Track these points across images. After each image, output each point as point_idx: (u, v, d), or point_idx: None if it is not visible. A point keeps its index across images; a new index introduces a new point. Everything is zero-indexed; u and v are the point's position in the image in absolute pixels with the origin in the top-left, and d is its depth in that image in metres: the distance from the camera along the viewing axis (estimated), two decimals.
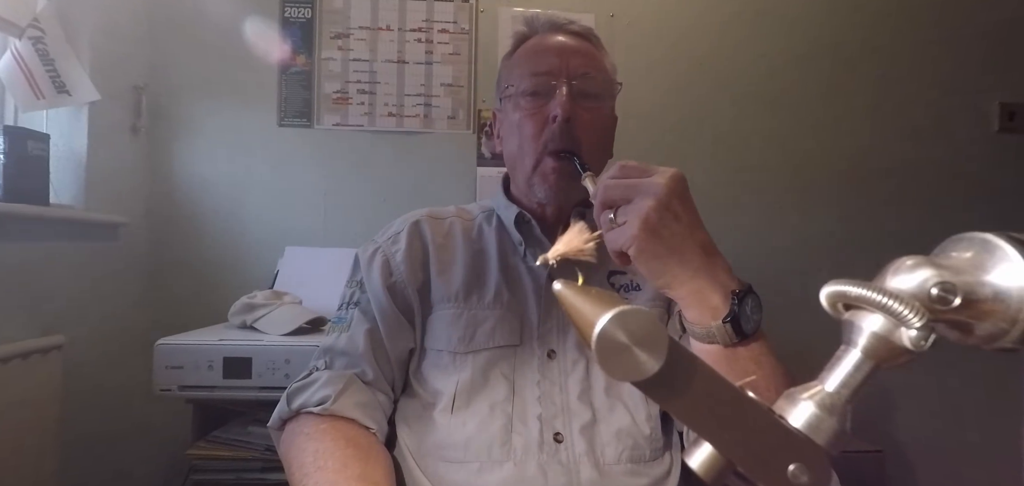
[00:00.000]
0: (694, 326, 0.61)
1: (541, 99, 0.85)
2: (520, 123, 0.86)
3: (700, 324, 0.61)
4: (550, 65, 0.85)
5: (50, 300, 1.46)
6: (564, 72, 0.84)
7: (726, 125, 2.03)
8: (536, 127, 0.85)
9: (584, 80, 0.85)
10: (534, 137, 0.85)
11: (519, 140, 0.87)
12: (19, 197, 1.36)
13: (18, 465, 1.28)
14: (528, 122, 0.85)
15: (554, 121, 0.83)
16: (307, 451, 0.75)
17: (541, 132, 0.84)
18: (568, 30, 0.91)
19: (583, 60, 0.86)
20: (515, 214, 0.89)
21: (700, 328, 0.61)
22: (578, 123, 0.83)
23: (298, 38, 1.94)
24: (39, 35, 1.44)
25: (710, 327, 0.60)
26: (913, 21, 2.09)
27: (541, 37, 0.90)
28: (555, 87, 0.84)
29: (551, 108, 0.83)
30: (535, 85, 0.85)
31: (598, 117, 0.86)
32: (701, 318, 0.60)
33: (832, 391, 0.34)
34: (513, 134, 0.88)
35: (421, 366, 0.86)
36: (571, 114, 0.82)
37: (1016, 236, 0.31)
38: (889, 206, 2.06)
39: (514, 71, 0.90)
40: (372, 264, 0.88)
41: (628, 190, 0.59)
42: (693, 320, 0.61)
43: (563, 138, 0.82)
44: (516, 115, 0.87)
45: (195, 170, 1.92)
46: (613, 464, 0.78)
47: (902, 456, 2.00)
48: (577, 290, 0.36)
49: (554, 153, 0.83)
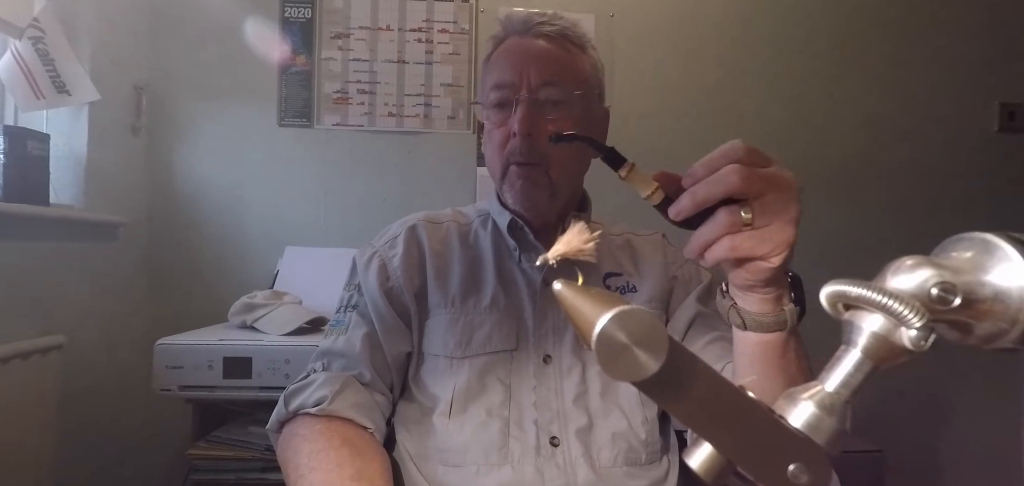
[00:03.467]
0: (764, 317, 0.55)
1: (505, 111, 0.84)
2: (489, 133, 0.87)
3: (772, 313, 0.55)
4: (512, 76, 0.83)
5: (50, 300, 1.46)
6: (524, 83, 0.82)
7: (726, 124, 2.03)
8: (501, 138, 0.85)
9: (547, 89, 0.82)
10: (499, 148, 0.85)
11: (489, 150, 0.88)
12: (19, 197, 1.36)
13: (18, 465, 1.28)
14: (495, 133, 0.86)
15: (515, 137, 0.82)
16: (302, 452, 0.75)
17: (506, 143, 0.84)
18: (540, 32, 0.86)
19: (547, 68, 0.83)
20: (508, 220, 0.89)
21: (771, 318, 0.55)
22: (540, 136, 0.82)
23: (298, 38, 1.94)
24: (39, 35, 1.44)
25: (783, 313, 0.55)
26: (913, 21, 2.09)
27: (511, 41, 0.87)
28: (516, 100, 0.83)
29: (512, 122, 0.83)
30: (498, 97, 0.85)
31: (564, 126, 0.83)
32: (773, 307, 0.54)
33: (832, 391, 0.34)
34: (487, 143, 0.89)
35: (420, 371, 0.86)
36: (531, 129, 0.81)
37: (1016, 236, 0.31)
38: (889, 206, 2.07)
39: (485, 80, 0.89)
40: (369, 268, 0.88)
41: (768, 183, 0.48)
42: (765, 311, 0.55)
43: (524, 152, 0.82)
44: (487, 125, 0.88)
45: (195, 170, 1.92)
46: (609, 467, 0.78)
47: (902, 456, 2.00)
48: (577, 290, 0.36)
49: (517, 163, 0.84)
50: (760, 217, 0.47)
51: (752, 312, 0.55)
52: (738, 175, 0.47)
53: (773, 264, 0.49)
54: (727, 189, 0.47)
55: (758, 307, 0.55)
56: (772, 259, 0.49)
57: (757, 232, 0.48)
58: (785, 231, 0.48)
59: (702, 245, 0.50)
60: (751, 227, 0.48)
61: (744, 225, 0.48)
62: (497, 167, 0.87)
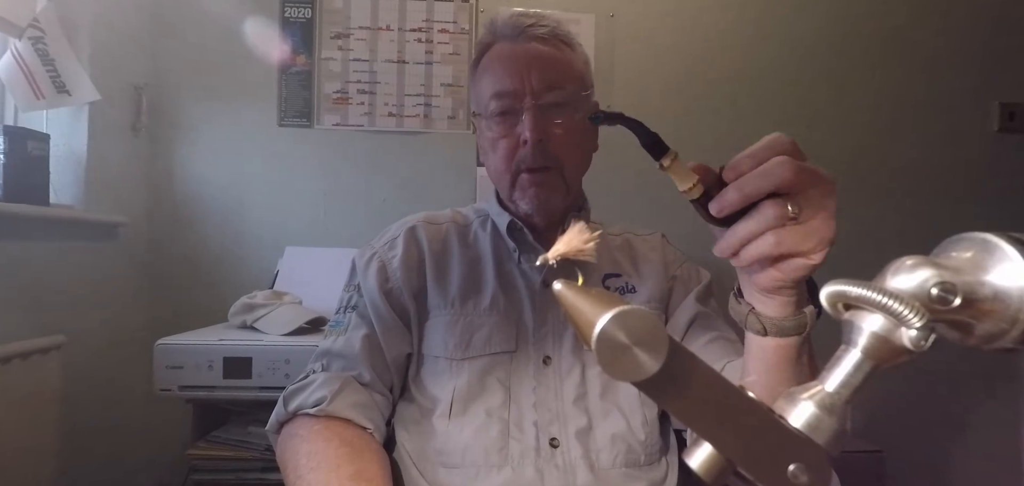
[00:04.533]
0: (785, 321, 0.53)
1: (509, 120, 0.84)
2: (494, 143, 0.86)
3: (792, 317, 0.53)
4: (513, 84, 0.83)
5: (50, 300, 1.46)
6: (528, 90, 0.82)
7: (726, 125, 2.03)
8: (509, 148, 0.84)
9: (551, 94, 0.83)
10: (508, 158, 0.84)
11: (495, 160, 0.87)
12: (19, 197, 1.36)
13: (18, 465, 1.28)
14: (501, 143, 0.85)
15: (525, 144, 0.82)
16: (301, 453, 0.75)
17: (515, 153, 0.84)
18: (531, 34, 0.86)
19: (548, 72, 0.83)
20: (507, 221, 0.89)
21: (792, 322, 0.53)
22: (551, 140, 0.82)
23: (298, 38, 1.94)
24: (39, 35, 1.44)
25: (804, 316, 0.53)
26: (913, 21, 2.09)
27: (502, 47, 0.86)
28: (520, 108, 0.82)
29: (520, 131, 0.82)
30: (501, 107, 0.84)
31: (571, 127, 0.84)
32: (794, 310, 0.53)
33: (832, 391, 0.34)
34: (490, 153, 0.88)
35: (420, 372, 0.86)
36: (542, 135, 0.81)
37: (1016, 236, 0.31)
38: (889, 206, 2.07)
39: (481, 87, 0.88)
40: (369, 269, 0.88)
41: (813, 178, 0.46)
42: (786, 314, 0.53)
43: (537, 158, 0.82)
44: (489, 134, 0.86)
45: (195, 170, 1.92)
46: (608, 468, 0.79)
47: (902, 456, 2.00)
48: (577, 290, 0.36)
49: (528, 170, 0.83)
50: (806, 211, 0.45)
51: (773, 317, 0.53)
52: (788, 168, 0.44)
53: (814, 261, 0.47)
54: (777, 182, 0.45)
55: (779, 311, 0.52)
56: (814, 256, 0.47)
57: (802, 227, 0.46)
58: (828, 225, 0.46)
59: (740, 241, 0.47)
60: (796, 222, 0.45)
61: (789, 220, 0.45)
62: (506, 177, 0.86)
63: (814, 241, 0.46)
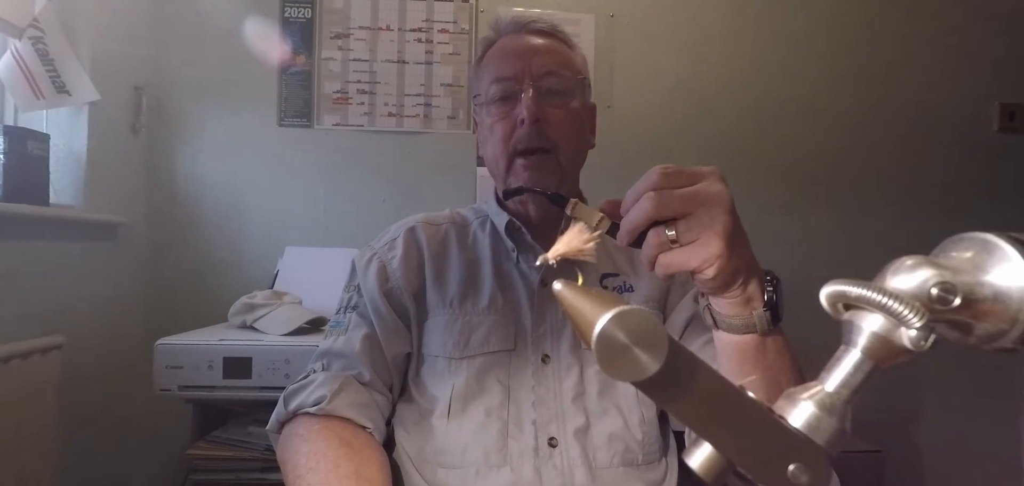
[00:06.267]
0: (733, 318, 0.57)
1: (508, 103, 0.85)
2: (492, 128, 0.87)
3: (740, 316, 0.57)
4: (514, 69, 0.85)
5: (50, 300, 1.46)
6: (528, 74, 0.84)
7: (726, 125, 2.03)
8: (506, 131, 0.85)
9: (549, 79, 0.85)
10: (504, 140, 0.85)
11: (492, 144, 0.87)
12: (19, 197, 1.36)
13: (18, 465, 1.28)
14: (498, 126, 0.86)
15: (523, 124, 0.83)
16: (301, 452, 0.75)
17: (511, 135, 0.85)
18: (532, 28, 0.90)
19: (547, 59, 0.86)
20: (506, 221, 0.89)
21: (739, 320, 0.57)
22: (548, 122, 0.84)
23: (298, 38, 1.94)
24: (39, 35, 1.44)
25: (751, 317, 0.56)
26: (913, 21, 2.09)
27: (505, 40, 0.90)
28: (520, 91, 0.84)
29: (518, 112, 0.84)
30: (501, 90, 0.86)
31: (568, 113, 0.86)
32: (742, 309, 0.56)
33: (832, 391, 0.34)
34: (488, 139, 0.89)
35: (419, 373, 0.86)
36: (539, 115, 0.83)
37: (1016, 236, 0.31)
38: (889, 206, 2.07)
39: (482, 78, 0.90)
40: (368, 270, 0.88)
41: (688, 202, 0.51)
42: (733, 313, 0.57)
43: (532, 139, 0.83)
44: (488, 121, 0.88)
45: (195, 170, 1.92)
46: (605, 468, 0.78)
47: (902, 456, 2.00)
48: (577, 290, 0.36)
49: (522, 152, 0.84)
50: (685, 234, 0.51)
51: (722, 314, 0.58)
52: (650, 201, 0.51)
53: (707, 275, 0.52)
54: (647, 215, 0.51)
55: (727, 309, 0.57)
56: (705, 271, 0.51)
57: (685, 248, 0.51)
58: (711, 244, 0.50)
59: (647, 261, 0.53)
60: (678, 243, 0.51)
61: (671, 242, 0.51)
62: (502, 160, 0.86)
63: (698, 259, 0.51)
